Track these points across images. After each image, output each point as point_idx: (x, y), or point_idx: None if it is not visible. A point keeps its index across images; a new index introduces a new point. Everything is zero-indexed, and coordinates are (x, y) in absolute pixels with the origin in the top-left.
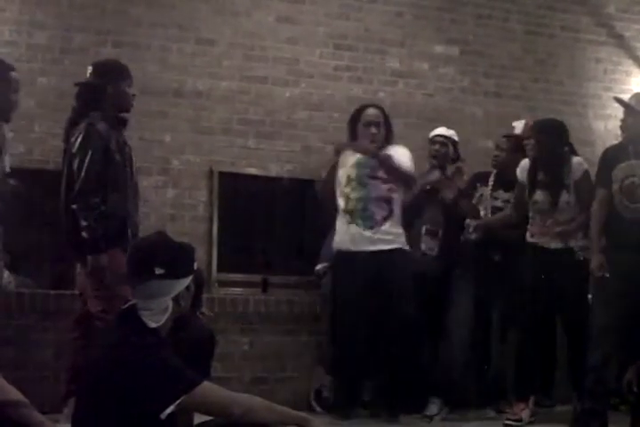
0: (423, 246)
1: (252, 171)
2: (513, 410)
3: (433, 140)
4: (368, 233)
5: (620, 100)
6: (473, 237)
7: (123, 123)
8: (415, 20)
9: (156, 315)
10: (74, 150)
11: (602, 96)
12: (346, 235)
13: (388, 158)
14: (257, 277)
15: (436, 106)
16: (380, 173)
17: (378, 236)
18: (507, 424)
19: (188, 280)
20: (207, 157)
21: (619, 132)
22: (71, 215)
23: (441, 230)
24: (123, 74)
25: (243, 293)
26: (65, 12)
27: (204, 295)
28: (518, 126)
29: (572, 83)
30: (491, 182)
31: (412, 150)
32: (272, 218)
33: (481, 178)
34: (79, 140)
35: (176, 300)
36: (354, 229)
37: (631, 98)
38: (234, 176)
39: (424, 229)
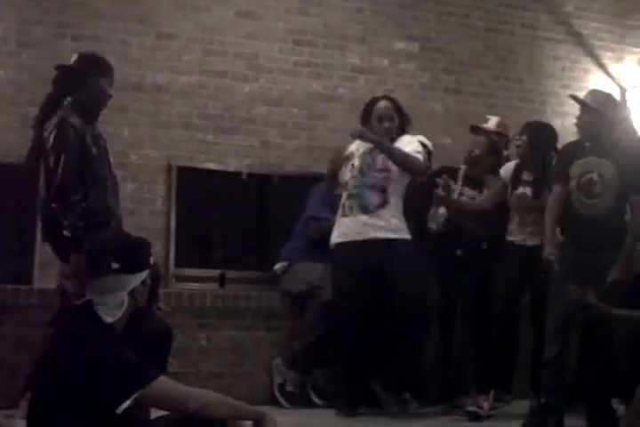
0: None
1: (211, 166)
2: (473, 400)
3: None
4: (363, 217)
5: (575, 98)
6: (435, 227)
7: (98, 116)
8: (375, 16)
9: (112, 310)
10: (48, 147)
11: (560, 93)
12: (341, 227)
13: (386, 145)
14: (215, 273)
15: None
16: (379, 163)
17: (372, 220)
18: (469, 411)
19: (143, 275)
20: (166, 151)
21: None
22: (51, 213)
23: None
24: (106, 71)
25: (200, 288)
26: (23, 5)
27: (161, 290)
28: (492, 121)
29: (531, 80)
30: (460, 178)
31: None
32: (230, 213)
33: (447, 171)
34: (53, 135)
35: (132, 295)
36: (349, 219)
37: (586, 95)
38: (192, 171)
39: None
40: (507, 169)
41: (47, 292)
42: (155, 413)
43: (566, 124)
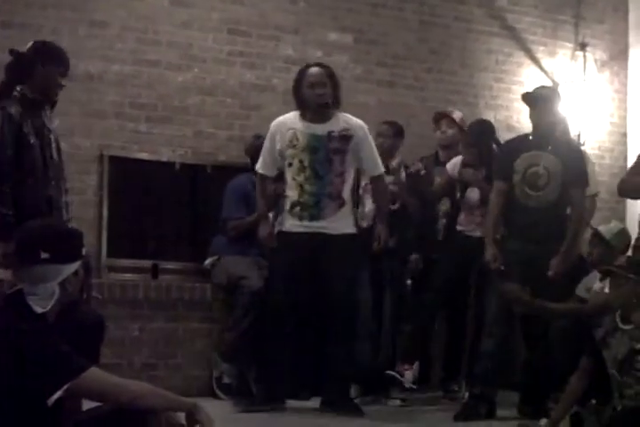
0: None
1: (144, 155)
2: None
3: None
4: (316, 224)
5: (525, 97)
6: (365, 224)
7: (43, 105)
8: (310, 7)
9: (43, 300)
10: None
11: (492, 86)
12: (290, 221)
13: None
14: (147, 263)
15: None
16: (337, 167)
17: (324, 224)
18: (388, 373)
19: (75, 265)
20: (98, 140)
21: (508, 121)
22: None
23: None
24: (60, 60)
25: (133, 278)
26: None
27: (94, 281)
28: (457, 114)
29: (464, 73)
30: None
31: None
32: (163, 203)
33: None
34: None
35: (63, 285)
36: (300, 224)
37: (535, 91)
38: (124, 161)
39: None
40: (453, 165)
41: None
42: (87, 405)
43: (499, 118)
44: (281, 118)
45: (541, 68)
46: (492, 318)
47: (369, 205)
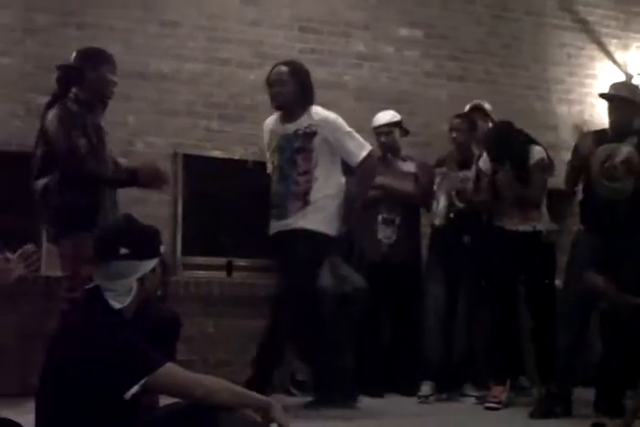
0: (380, 235)
1: (217, 153)
2: (492, 393)
3: (378, 132)
4: (282, 222)
5: (603, 95)
6: (438, 222)
7: (98, 107)
8: (380, 3)
9: (121, 296)
10: (47, 127)
11: (565, 80)
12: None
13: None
14: (222, 261)
15: (400, 89)
16: (301, 165)
17: (289, 221)
18: (488, 407)
19: (153, 262)
20: (171, 139)
21: (582, 116)
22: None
23: (398, 218)
24: (104, 59)
25: (207, 276)
26: None
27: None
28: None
29: (536, 67)
30: (452, 164)
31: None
32: (237, 201)
33: (441, 162)
34: (51, 117)
35: (141, 282)
36: (273, 225)
37: (611, 88)
38: (198, 159)
39: (380, 217)
40: (485, 160)
41: (54, 280)
42: (164, 401)
43: (572, 112)
44: (268, 120)
45: (614, 61)
46: (568, 313)
47: (442, 202)
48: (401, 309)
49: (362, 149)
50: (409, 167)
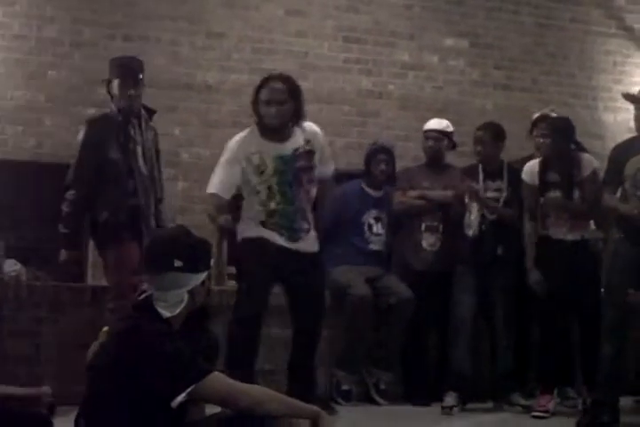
0: (424, 243)
1: None
2: (539, 402)
3: (427, 136)
4: (293, 246)
5: (626, 96)
6: (470, 233)
7: (128, 119)
8: (425, 12)
9: (171, 306)
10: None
11: (612, 88)
12: (261, 233)
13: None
14: None
15: (446, 98)
16: (305, 183)
17: (301, 246)
18: (535, 416)
19: (204, 275)
20: (216, 150)
21: (629, 124)
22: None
23: (441, 225)
24: (122, 72)
25: None
26: (75, 6)
27: (216, 288)
28: None
29: (582, 75)
30: (480, 176)
31: (421, 143)
32: None
33: (467, 171)
34: (80, 137)
35: (191, 293)
36: (276, 237)
37: None
38: None
39: (423, 226)
40: (530, 171)
41: (99, 289)
42: (210, 410)
43: (619, 120)
44: (241, 138)
45: None
46: (610, 323)
47: (475, 213)
48: (447, 317)
49: (331, 160)
50: (451, 175)
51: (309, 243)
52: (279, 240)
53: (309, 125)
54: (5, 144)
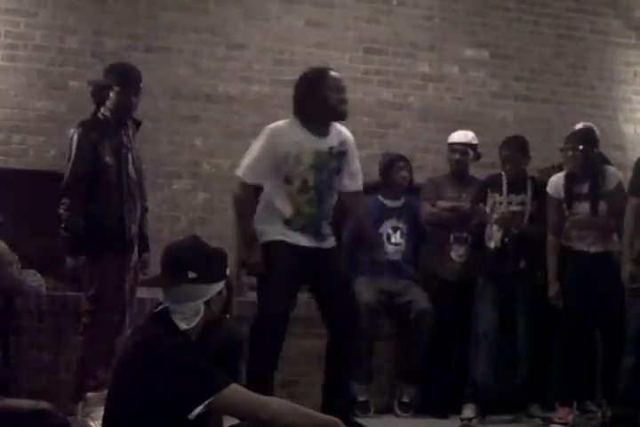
0: (453, 254)
1: None
2: (558, 414)
3: (453, 149)
4: (316, 244)
5: None
6: (492, 245)
7: (121, 125)
8: (445, 23)
9: (188, 318)
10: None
11: (632, 99)
12: (285, 236)
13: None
14: None
15: (466, 110)
16: (337, 186)
17: (323, 245)
18: None
19: (220, 285)
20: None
21: None
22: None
23: (470, 237)
24: (127, 79)
25: None
26: (96, 17)
27: (235, 299)
28: None
29: (602, 86)
30: (504, 188)
31: (441, 154)
32: None
33: (490, 183)
34: (69, 144)
35: (208, 304)
36: (299, 237)
37: None
38: None
39: (452, 237)
40: (555, 184)
41: None
42: (228, 422)
43: (639, 131)
44: (280, 126)
45: None
46: (631, 334)
47: (496, 226)
48: (468, 328)
49: (360, 174)
50: (475, 187)
51: (329, 242)
52: (302, 241)
53: (342, 128)
54: (26, 154)
